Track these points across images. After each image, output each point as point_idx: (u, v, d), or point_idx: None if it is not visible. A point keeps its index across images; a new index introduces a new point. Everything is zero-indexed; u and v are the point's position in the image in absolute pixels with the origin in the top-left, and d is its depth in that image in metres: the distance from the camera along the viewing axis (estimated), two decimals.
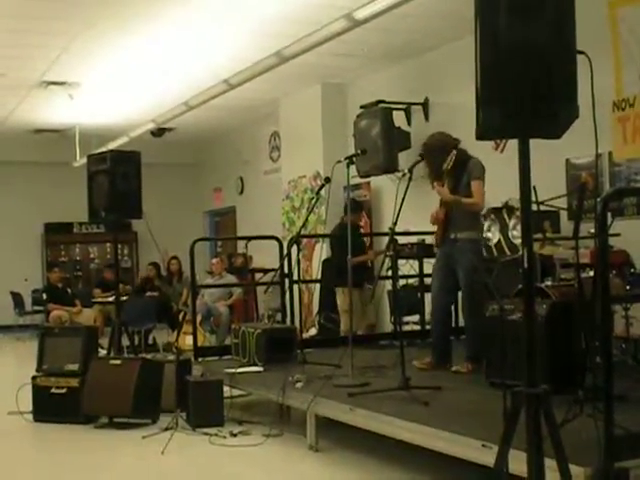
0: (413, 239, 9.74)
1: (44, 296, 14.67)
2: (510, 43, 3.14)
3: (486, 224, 8.81)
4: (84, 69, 11.74)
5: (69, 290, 14.79)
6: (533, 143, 3.33)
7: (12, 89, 12.84)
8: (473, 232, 7.13)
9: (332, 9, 8.10)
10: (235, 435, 6.73)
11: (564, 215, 8.37)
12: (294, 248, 8.33)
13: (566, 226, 8.23)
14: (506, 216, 8.47)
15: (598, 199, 4.16)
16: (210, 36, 10.28)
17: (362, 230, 11.84)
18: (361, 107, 11.83)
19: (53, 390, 7.72)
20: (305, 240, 13.09)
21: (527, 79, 3.15)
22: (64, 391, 7.68)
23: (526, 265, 3.38)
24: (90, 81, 12.44)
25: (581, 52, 3.25)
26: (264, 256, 13.51)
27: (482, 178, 7.11)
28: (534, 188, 6.47)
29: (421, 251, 9.58)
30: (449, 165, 6.93)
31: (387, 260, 6.89)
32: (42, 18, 9.40)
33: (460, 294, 7.29)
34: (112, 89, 13.10)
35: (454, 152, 6.95)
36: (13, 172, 18.07)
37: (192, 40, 10.44)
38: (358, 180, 11.99)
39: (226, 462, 6.18)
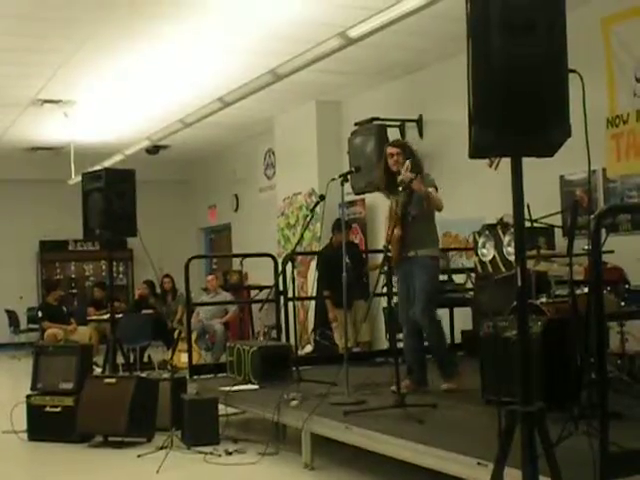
0: None
1: (39, 314, 14.64)
2: (502, 62, 3.16)
3: (481, 240, 8.84)
4: (79, 87, 11.76)
5: (64, 308, 14.75)
6: (527, 160, 3.35)
7: (7, 107, 12.85)
8: (433, 249, 6.98)
9: (326, 27, 8.13)
10: (230, 453, 6.72)
11: (559, 231, 8.39)
12: (289, 265, 8.33)
13: (561, 242, 8.24)
14: (501, 232, 8.50)
15: (592, 216, 4.17)
16: (205, 54, 10.31)
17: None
18: (355, 124, 11.85)
19: (48, 409, 7.71)
20: (300, 257, 13.10)
21: (519, 98, 3.17)
22: (59, 410, 7.66)
23: (520, 283, 3.38)
24: (85, 99, 12.45)
25: (573, 71, 3.26)
26: (259, 273, 13.51)
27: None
28: (528, 206, 6.52)
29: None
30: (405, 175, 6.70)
31: (382, 277, 6.86)
32: (37, 36, 9.42)
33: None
34: (107, 107, 13.12)
35: (409, 161, 6.75)
36: (8, 190, 18.08)
37: (187, 58, 10.47)
38: (353, 197, 12.01)
39: None
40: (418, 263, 6.82)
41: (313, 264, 12.71)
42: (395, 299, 7.10)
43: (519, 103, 3.18)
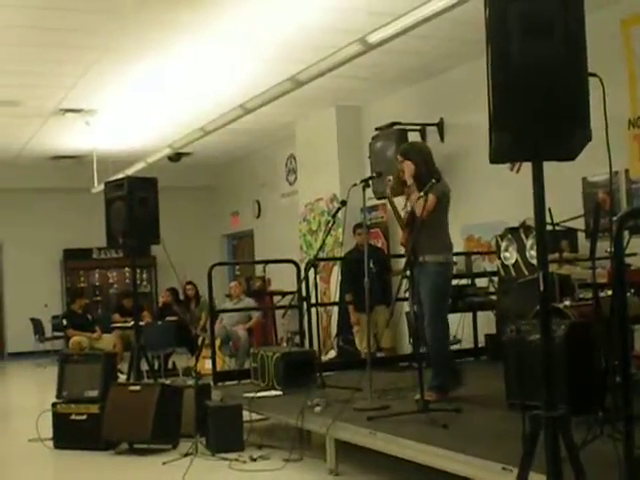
0: None
1: (64, 322, 14.70)
2: (522, 66, 3.15)
3: (503, 244, 8.83)
4: (101, 96, 11.84)
5: (89, 316, 14.80)
6: (549, 162, 3.34)
7: (30, 117, 12.95)
8: (439, 255, 6.77)
9: (345, 33, 8.13)
10: (255, 460, 6.72)
11: (582, 233, 8.35)
12: (312, 271, 8.34)
13: (584, 245, 8.20)
14: (523, 236, 8.48)
15: (614, 218, 4.15)
16: (225, 62, 10.35)
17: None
18: (376, 129, 11.86)
19: (73, 417, 7.75)
20: (322, 263, 13.11)
21: (539, 102, 3.16)
22: (84, 417, 7.70)
23: (542, 288, 3.37)
24: (107, 108, 12.54)
25: (593, 74, 3.26)
26: (282, 279, 13.54)
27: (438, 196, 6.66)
28: (549, 210, 6.49)
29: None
30: (387, 189, 6.75)
31: (405, 281, 6.84)
32: (58, 47, 9.50)
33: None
34: (128, 115, 13.21)
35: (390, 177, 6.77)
36: (31, 199, 18.24)
37: (207, 66, 10.53)
38: (375, 202, 12.01)
39: None
40: (424, 269, 6.67)
41: (335, 269, 12.73)
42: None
43: (539, 107, 3.17)
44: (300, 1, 8.40)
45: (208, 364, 10.16)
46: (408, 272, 6.56)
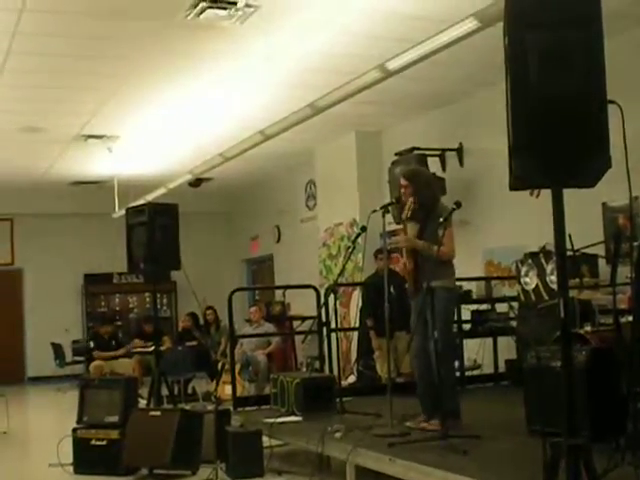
0: None
1: (91, 344, 14.66)
2: (541, 94, 3.18)
3: (524, 269, 8.80)
4: (122, 122, 11.93)
5: (114, 342, 14.70)
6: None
7: (52, 143, 13.06)
8: (447, 280, 6.68)
9: (364, 59, 8.19)
10: None
11: (602, 259, 8.32)
12: (331, 296, 8.34)
13: (604, 270, 8.17)
14: (543, 261, 8.45)
15: (635, 244, 4.15)
16: (245, 88, 10.42)
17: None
18: (396, 154, 11.88)
19: (93, 442, 7.77)
20: (342, 288, 13.10)
21: (558, 130, 3.18)
22: (104, 443, 7.73)
23: (562, 314, 3.38)
24: (128, 134, 12.62)
25: (612, 102, 3.27)
26: (302, 303, 13.54)
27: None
28: (569, 235, 6.48)
29: (459, 297, 9.52)
30: (407, 214, 6.63)
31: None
32: (81, 74, 9.58)
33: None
34: (150, 141, 13.30)
35: (412, 199, 6.63)
36: (52, 224, 18.34)
37: (227, 92, 10.60)
38: (394, 226, 12.00)
39: None
40: (434, 295, 6.51)
41: (355, 294, 12.71)
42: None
43: (559, 134, 3.19)
44: (320, 27, 8.45)
45: (228, 389, 10.16)
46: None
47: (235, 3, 7.62)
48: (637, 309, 4.60)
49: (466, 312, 10.00)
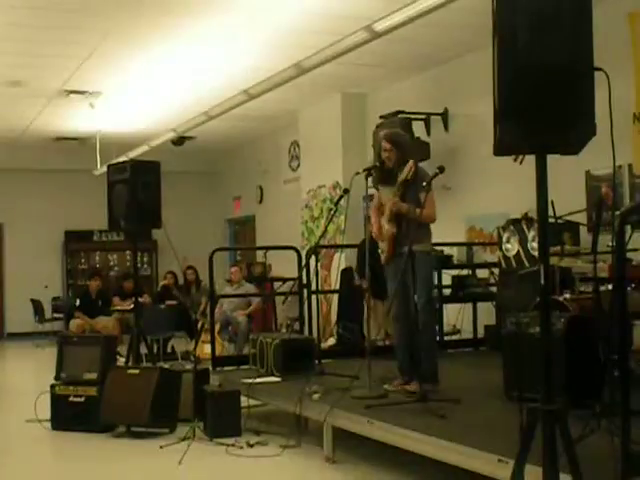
0: None
1: (77, 302, 14.57)
2: (528, 59, 3.14)
3: (505, 235, 8.82)
4: (105, 78, 11.81)
5: (100, 302, 14.58)
6: (552, 154, 3.32)
7: (33, 98, 12.93)
8: (427, 244, 6.72)
9: (351, 20, 8.12)
10: (252, 446, 6.73)
11: (584, 227, 8.34)
12: (313, 258, 8.33)
13: (586, 238, 8.20)
14: (525, 227, 8.47)
15: (617, 213, 4.15)
16: (230, 47, 10.33)
17: None
18: (381, 117, 11.82)
19: (71, 399, 7.75)
20: (324, 250, 13.11)
21: (544, 95, 3.15)
22: (82, 400, 7.71)
23: (543, 280, 3.37)
24: (111, 90, 12.52)
25: (598, 69, 3.24)
26: (283, 265, 13.53)
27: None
28: (552, 202, 6.49)
29: (440, 262, 9.54)
30: (408, 176, 6.53)
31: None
32: (63, 28, 9.47)
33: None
34: (133, 98, 13.19)
35: (412, 162, 6.57)
36: (34, 180, 18.21)
37: (212, 51, 10.50)
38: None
39: (243, 473, 6.18)
40: (415, 259, 6.44)
41: (337, 257, 12.71)
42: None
43: (544, 101, 3.17)
44: None
45: (207, 349, 10.18)
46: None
47: None
48: (617, 278, 4.61)
49: (447, 277, 10.03)
